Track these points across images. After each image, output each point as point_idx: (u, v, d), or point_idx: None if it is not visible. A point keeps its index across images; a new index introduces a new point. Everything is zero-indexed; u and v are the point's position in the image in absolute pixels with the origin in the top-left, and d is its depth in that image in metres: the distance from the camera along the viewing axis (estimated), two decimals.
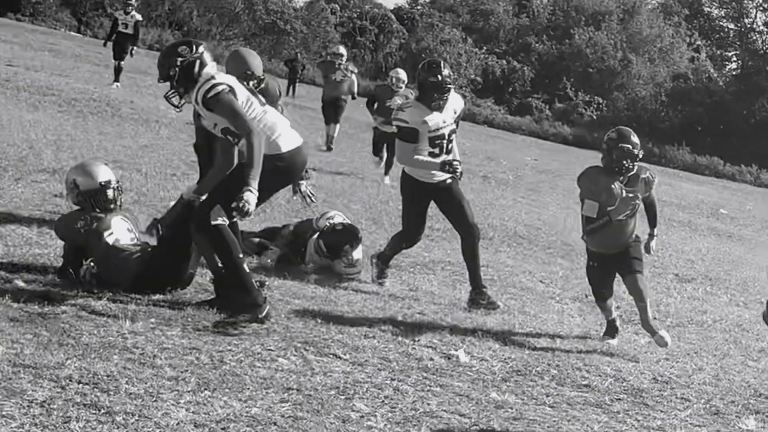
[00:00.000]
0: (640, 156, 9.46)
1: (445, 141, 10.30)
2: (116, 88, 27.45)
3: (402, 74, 21.02)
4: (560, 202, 22.16)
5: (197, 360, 6.83)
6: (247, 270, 8.13)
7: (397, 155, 10.65)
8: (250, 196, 7.71)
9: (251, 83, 9.33)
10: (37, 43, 41.96)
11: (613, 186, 9.37)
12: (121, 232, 8.75)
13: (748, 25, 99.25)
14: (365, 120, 28.94)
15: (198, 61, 8.16)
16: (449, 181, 10.36)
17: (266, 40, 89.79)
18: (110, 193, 8.90)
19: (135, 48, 29.52)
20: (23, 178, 12.59)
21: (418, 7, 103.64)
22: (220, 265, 8.40)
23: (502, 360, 8.45)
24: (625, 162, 9.34)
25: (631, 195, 9.41)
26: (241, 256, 8.13)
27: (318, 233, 10.92)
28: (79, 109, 21.25)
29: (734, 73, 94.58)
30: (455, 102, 10.48)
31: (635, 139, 9.45)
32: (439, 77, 10.16)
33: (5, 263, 8.52)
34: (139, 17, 29.55)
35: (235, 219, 8.21)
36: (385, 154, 20.71)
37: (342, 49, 25.58)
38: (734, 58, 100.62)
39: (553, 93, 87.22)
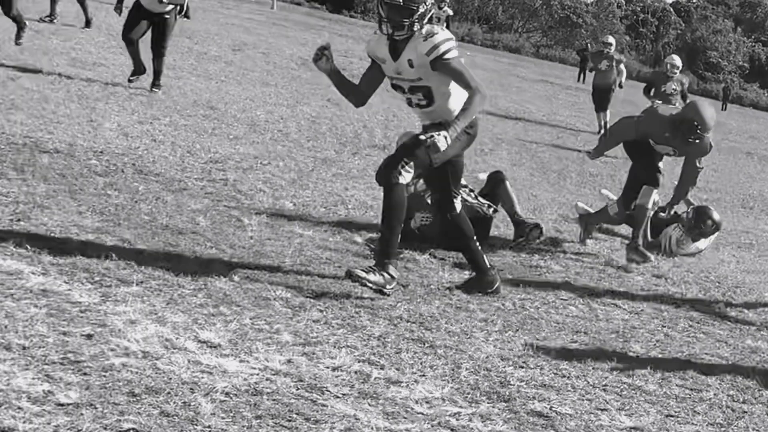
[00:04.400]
0: None
1: None
2: None
3: (677, 60, 20.19)
4: None
5: (503, 306, 7.06)
6: (398, 236, 6.92)
7: None
8: (445, 138, 6.41)
9: None
10: (368, 38, 42.60)
11: None
12: None
13: None
14: (631, 111, 28.36)
15: (432, 12, 6.92)
16: None
17: (560, 32, 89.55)
18: None
19: None
20: (359, 153, 13.04)
21: (694, 1, 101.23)
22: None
23: (757, 311, 8.43)
24: None
25: None
26: (402, 220, 6.85)
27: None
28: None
29: None
30: None
31: None
32: None
33: (346, 224, 8.85)
34: (450, 12, 29.57)
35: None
36: None
37: (610, 39, 24.49)
38: None
39: None
